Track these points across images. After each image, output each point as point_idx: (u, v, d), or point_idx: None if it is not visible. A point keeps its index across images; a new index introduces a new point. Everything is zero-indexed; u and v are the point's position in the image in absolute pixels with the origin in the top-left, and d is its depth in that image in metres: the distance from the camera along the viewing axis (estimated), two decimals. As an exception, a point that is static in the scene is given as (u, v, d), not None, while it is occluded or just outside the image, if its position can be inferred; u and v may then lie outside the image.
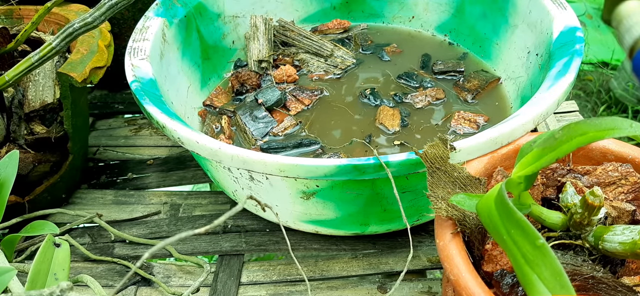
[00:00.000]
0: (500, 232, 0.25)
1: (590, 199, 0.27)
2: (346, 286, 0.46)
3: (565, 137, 0.26)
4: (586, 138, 0.25)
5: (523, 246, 0.23)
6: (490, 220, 0.26)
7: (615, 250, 0.27)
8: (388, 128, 0.50)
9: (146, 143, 0.63)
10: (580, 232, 0.28)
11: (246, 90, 0.56)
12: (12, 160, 0.39)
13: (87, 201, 0.56)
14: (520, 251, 0.23)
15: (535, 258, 0.23)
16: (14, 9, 0.58)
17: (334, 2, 0.66)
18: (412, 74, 0.56)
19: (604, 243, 0.27)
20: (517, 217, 0.24)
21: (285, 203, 0.41)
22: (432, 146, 0.33)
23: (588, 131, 0.25)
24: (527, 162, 0.27)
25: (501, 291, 0.29)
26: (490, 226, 0.26)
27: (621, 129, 0.25)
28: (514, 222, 0.24)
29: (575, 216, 0.28)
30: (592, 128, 0.25)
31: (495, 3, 0.57)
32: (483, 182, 0.33)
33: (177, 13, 0.54)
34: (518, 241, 0.24)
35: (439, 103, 0.53)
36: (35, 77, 0.51)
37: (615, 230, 0.27)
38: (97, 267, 0.48)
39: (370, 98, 0.54)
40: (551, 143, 0.26)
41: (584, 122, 0.26)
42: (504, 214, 0.24)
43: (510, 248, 0.24)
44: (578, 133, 0.26)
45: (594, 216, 0.27)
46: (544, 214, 0.29)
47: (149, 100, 0.42)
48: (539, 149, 0.27)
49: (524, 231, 0.23)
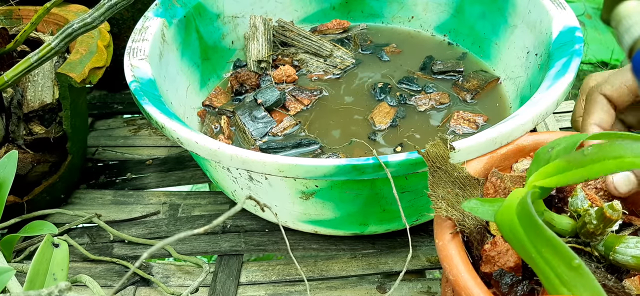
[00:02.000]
0: (527, 250, 0.23)
1: (609, 213, 0.26)
2: (345, 286, 0.45)
3: (596, 156, 0.23)
4: (621, 163, 0.23)
5: (557, 266, 0.22)
6: (513, 235, 0.24)
7: (627, 262, 0.26)
8: (375, 124, 0.51)
9: (145, 144, 0.63)
10: (591, 240, 0.28)
11: (245, 90, 0.56)
12: (11, 160, 0.39)
13: (86, 201, 0.56)
14: (554, 272, 0.22)
15: (572, 279, 0.21)
16: (13, 10, 0.58)
17: (333, 2, 0.66)
18: (412, 79, 0.56)
19: (615, 255, 0.27)
20: (548, 236, 0.22)
21: (285, 203, 0.41)
22: (433, 145, 0.33)
23: (624, 156, 0.22)
24: (547, 173, 0.26)
25: (500, 290, 0.29)
26: (514, 242, 0.24)
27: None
28: (544, 240, 0.22)
29: (589, 226, 0.27)
30: (629, 152, 0.22)
31: (494, 3, 0.57)
32: (482, 182, 0.33)
33: (176, 13, 0.54)
34: (550, 261, 0.22)
35: (442, 108, 0.53)
36: (34, 77, 0.51)
37: (627, 243, 0.26)
38: (96, 267, 0.48)
39: (379, 93, 0.54)
40: (580, 159, 0.24)
41: (620, 145, 0.23)
42: (532, 231, 0.23)
43: (542, 268, 0.22)
44: (612, 155, 0.23)
45: (609, 228, 0.27)
46: (554, 220, 0.28)
47: (148, 100, 0.42)
48: (563, 162, 0.25)
49: (557, 251, 0.22)
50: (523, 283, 0.29)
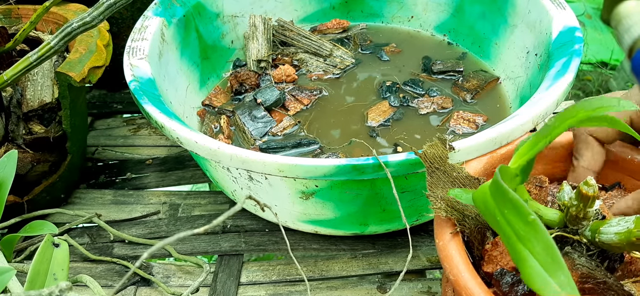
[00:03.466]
0: (494, 214, 0.25)
1: (585, 189, 0.27)
2: (346, 286, 0.45)
3: (557, 121, 0.26)
4: (576, 119, 0.26)
5: (515, 223, 0.23)
6: (485, 206, 0.26)
7: (611, 241, 0.27)
8: (367, 121, 0.51)
9: (145, 143, 0.63)
10: (577, 227, 0.29)
11: (245, 89, 0.56)
12: (11, 160, 0.39)
13: (86, 201, 0.56)
14: (513, 229, 0.23)
15: (526, 233, 0.23)
16: (13, 9, 0.58)
17: (333, 2, 0.66)
18: (417, 81, 0.56)
19: (600, 236, 0.27)
20: (510, 196, 0.24)
21: (285, 203, 0.41)
22: (431, 146, 0.33)
23: (578, 112, 0.26)
24: (522, 153, 0.28)
25: (501, 290, 0.29)
26: (486, 212, 0.26)
27: (609, 107, 0.25)
28: (507, 201, 0.24)
29: (572, 209, 0.28)
30: (581, 108, 0.26)
31: (494, 3, 0.57)
32: (482, 182, 0.33)
33: (175, 12, 0.54)
34: (511, 220, 0.24)
35: (444, 112, 0.52)
36: (34, 76, 0.50)
37: (610, 222, 0.27)
38: (96, 267, 0.48)
39: (384, 91, 0.55)
40: (544, 131, 0.27)
41: (574, 106, 0.26)
42: (499, 196, 0.24)
43: (504, 228, 0.24)
44: (569, 116, 0.26)
45: (589, 207, 0.28)
46: (541, 210, 0.29)
47: (148, 99, 0.42)
48: (533, 139, 0.27)
49: (516, 209, 0.23)
50: (523, 282, 0.29)
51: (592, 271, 0.28)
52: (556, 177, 0.37)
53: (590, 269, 0.28)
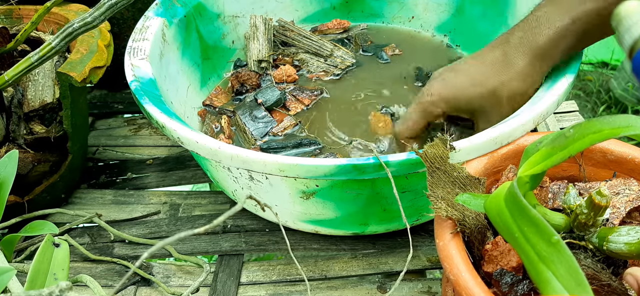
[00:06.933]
0: (511, 230, 0.24)
1: (597, 199, 0.26)
2: (346, 286, 0.45)
3: (577, 134, 0.25)
4: (600, 135, 0.25)
5: (537, 243, 0.23)
6: (500, 218, 0.25)
7: (620, 250, 0.26)
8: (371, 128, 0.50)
9: (146, 143, 0.63)
10: (584, 233, 0.28)
11: (246, 90, 0.56)
12: (12, 160, 0.39)
13: (86, 201, 0.56)
14: (534, 249, 0.23)
15: (550, 255, 0.22)
16: (14, 9, 0.58)
17: (333, 2, 0.66)
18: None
19: (608, 244, 0.27)
20: (531, 214, 0.23)
21: (285, 203, 0.41)
22: (431, 146, 0.33)
23: (602, 129, 0.25)
24: (535, 161, 0.27)
25: (500, 290, 0.29)
26: (500, 225, 0.25)
27: (636, 127, 0.24)
28: (527, 219, 0.23)
29: (581, 216, 0.27)
30: (606, 125, 0.25)
31: (494, 3, 0.57)
32: (483, 182, 0.33)
33: (176, 13, 0.54)
34: (531, 238, 0.23)
35: None
36: (35, 76, 0.51)
37: (620, 231, 0.27)
38: (97, 267, 0.48)
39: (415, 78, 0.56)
40: (561, 142, 0.26)
41: (598, 120, 0.25)
42: (516, 212, 0.24)
43: (523, 246, 0.23)
44: (591, 130, 0.25)
45: (600, 216, 0.27)
46: (547, 215, 0.29)
47: (149, 99, 0.42)
48: (548, 148, 0.26)
49: (538, 228, 0.23)
50: (523, 282, 0.29)
51: (598, 273, 0.28)
52: (556, 177, 0.37)
53: (596, 271, 0.28)
